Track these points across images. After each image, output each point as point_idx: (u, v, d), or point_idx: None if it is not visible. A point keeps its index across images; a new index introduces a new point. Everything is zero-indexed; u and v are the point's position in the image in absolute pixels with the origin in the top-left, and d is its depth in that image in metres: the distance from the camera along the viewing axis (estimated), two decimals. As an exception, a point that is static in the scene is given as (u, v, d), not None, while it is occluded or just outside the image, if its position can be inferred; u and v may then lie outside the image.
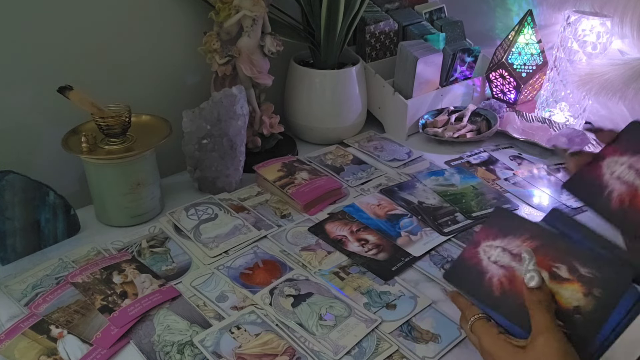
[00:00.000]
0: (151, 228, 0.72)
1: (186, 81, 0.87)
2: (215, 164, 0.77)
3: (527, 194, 0.81)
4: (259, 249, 0.68)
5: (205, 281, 0.63)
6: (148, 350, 0.53)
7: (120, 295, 0.59)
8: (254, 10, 0.76)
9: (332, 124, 0.93)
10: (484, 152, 0.93)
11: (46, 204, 0.66)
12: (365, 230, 0.72)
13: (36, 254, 0.67)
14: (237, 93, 0.75)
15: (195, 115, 0.74)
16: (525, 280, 0.45)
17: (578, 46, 0.96)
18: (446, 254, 0.68)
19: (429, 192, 0.80)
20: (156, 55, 0.81)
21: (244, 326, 0.56)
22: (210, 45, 0.79)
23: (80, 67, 0.74)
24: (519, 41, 1.03)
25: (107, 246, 0.68)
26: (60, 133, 0.69)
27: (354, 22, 0.89)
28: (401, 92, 0.95)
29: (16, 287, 0.61)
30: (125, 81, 0.79)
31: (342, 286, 0.62)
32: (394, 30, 1.03)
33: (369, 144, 0.95)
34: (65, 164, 0.75)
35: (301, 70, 0.91)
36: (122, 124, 0.68)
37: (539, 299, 0.44)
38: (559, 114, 1.03)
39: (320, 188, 0.78)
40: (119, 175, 0.69)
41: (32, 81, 0.71)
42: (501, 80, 1.07)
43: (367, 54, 1.01)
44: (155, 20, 0.79)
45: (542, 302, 0.44)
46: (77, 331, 0.55)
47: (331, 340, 0.54)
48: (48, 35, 0.70)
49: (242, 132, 0.77)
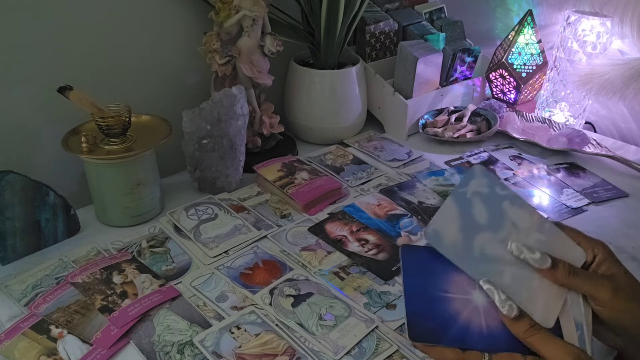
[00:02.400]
0: (151, 228, 0.72)
1: (186, 81, 0.87)
2: (215, 164, 0.77)
3: (527, 194, 0.81)
4: (259, 249, 0.68)
5: (205, 281, 0.63)
6: (148, 350, 0.53)
7: (120, 295, 0.59)
8: (254, 10, 0.76)
9: (332, 124, 0.93)
10: (484, 152, 0.93)
11: (46, 204, 0.66)
12: (365, 230, 0.72)
13: (36, 254, 0.67)
14: (237, 93, 0.75)
15: (195, 115, 0.74)
16: (505, 312, 0.44)
17: (578, 46, 0.96)
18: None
19: (429, 192, 0.80)
20: (156, 55, 0.81)
21: (244, 326, 0.56)
22: (210, 45, 0.79)
23: (80, 67, 0.74)
24: (519, 41, 1.03)
25: (107, 246, 0.68)
26: (60, 133, 0.69)
27: (354, 22, 0.89)
28: (401, 92, 0.95)
29: (16, 287, 0.61)
30: (125, 81, 0.79)
31: (342, 286, 0.62)
32: (394, 30, 1.03)
33: (369, 144, 0.95)
34: (65, 164, 0.75)
35: (301, 70, 0.91)
36: (122, 124, 0.68)
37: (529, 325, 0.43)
38: (559, 114, 1.03)
39: (320, 188, 0.78)
40: (119, 175, 0.69)
41: (32, 81, 0.71)
42: (501, 80, 1.07)
43: (367, 54, 1.01)
44: (155, 20, 0.79)
45: (535, 326, 0.43)
46: (77, 331, 0.55)
47: (331, 340, 0.54)
48: (48, 35, 0.70)
49: (242, 132, 0.77)
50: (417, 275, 0.48)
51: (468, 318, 0.45)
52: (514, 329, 0.44)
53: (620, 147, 0.96)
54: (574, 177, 0.86)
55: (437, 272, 0.48)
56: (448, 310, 0.46)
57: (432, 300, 0.46)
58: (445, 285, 0.47)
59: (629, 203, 0.80)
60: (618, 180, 0.85)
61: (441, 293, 0.46)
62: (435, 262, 0.47)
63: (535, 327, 0.43)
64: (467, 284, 0.47)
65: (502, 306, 0.44)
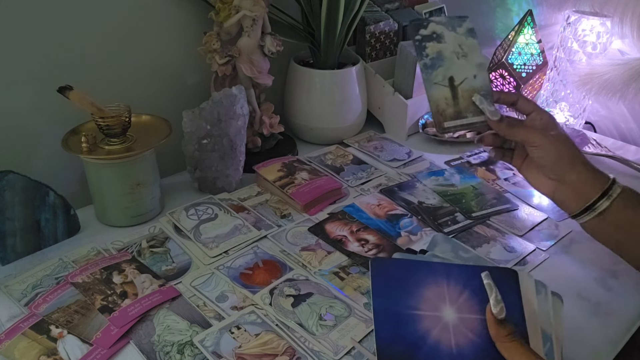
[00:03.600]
0: (151, 228, 0.72)
1: (186, 81, 0.87)
2: (215, 164, 0.77)
3: (527, 194, 0.81)
4: (259, 249, 0.68)
5: (205, 281, 0.63)
6: (148, 350, 0.53)
7: (120, 295, 0.59)
8: (254, 10, 0.76)
9: (332, 124, 0.93)
10: (484, 152, 0.93)
11: (46, 204, 0.66)
12: (365, 230, 0.72)
13: (36, 254, 0.67)
14: (237, 93, 0.75)
15: (195, 115, 0.74)
16: (496, 312, 0.44)
17: (578, 46, 0.96)
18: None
19: (429, 192, 0.80)
20: (156, 55, 0.81)
21: (244, 326, 0.56)
22: (210, 45, 0.79)
23: (80, 67, 0.74)
24: (519, 41, 1.03)
25: (107, 246, 0.68)
26: (60, 133, 0.69)
27: (354, 22, 0.89)
28: (401, 92, 0.95)
29: (16, 287, 0.61)
30: (125, 81, 0.79)
31: (342, 286, 0.62)
32: (394, 30, 1.03)
33: (369, 144, 0.95)
34: (65, 164, 0.75)
35: (301, 70, 0.91)
36: (122, 124, 0.68)
37: (510, 331, 0.43)
38: (559, 114, 1.03)
39: (320, 188, 0.78)
40: (119, 175, 0.69)
41: (32, 81, 0.71)
42: (501, 80, 1.07)
43: (367, 54, 1.01)
44: (155, 20, 0.79)
45: (515, 334, 0.43)
46: (77, 331, 0.55)
47: (331, 340, 0.54)
48: (48, 35, 0.70)
49: (242, 132, 0.77)
50: (386, 293, 0.47)
51: (438, 337, 0.45)
52: (496, 331, 0.44)
53: (620, 147, 0.96)
54: (574, 177, 0.86)
55: (408, 288, 0.47)
56: (418, 329, 0.45)
57: (402, 321, 0.45)
58: (415, 302, 0.46)
59: (629, 203, 0.79)
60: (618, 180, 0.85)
61: (411, 311, 0.46)
62: (406, 276, 0.47)
63: (515, 335, 0.43)
64: (438, 300, 0.46)
65: (495, 306, 0.44)
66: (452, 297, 0.46)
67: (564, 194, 0.60)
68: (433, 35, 0.62)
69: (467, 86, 0.62)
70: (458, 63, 0.62)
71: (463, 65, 0.62)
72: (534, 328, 0.45)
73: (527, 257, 0.68)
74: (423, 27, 0.62)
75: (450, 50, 0.62)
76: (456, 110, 0.61)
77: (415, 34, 0.62)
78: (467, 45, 0.63)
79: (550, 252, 0.69)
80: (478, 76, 0.62)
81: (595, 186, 0.58)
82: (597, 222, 0.58)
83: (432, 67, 0.62)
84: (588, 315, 0.59)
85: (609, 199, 0.56)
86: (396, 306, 0.46)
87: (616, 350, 0.56)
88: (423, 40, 0.62)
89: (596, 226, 0.59)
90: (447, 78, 0.62)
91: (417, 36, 0.62)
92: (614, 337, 0.57)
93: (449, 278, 0.47)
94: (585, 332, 0.57)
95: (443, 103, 0.61)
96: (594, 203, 0.57)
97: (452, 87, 0.61)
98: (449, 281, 0.47)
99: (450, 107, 0.61)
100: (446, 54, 0.62)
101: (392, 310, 0.46)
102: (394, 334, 0.45)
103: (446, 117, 0.61)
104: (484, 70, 0.62)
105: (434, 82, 0.61)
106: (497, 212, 0.76)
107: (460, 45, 0.63)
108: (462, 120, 0.61)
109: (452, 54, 0.62)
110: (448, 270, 0.48)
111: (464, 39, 0.63)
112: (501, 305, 0.44)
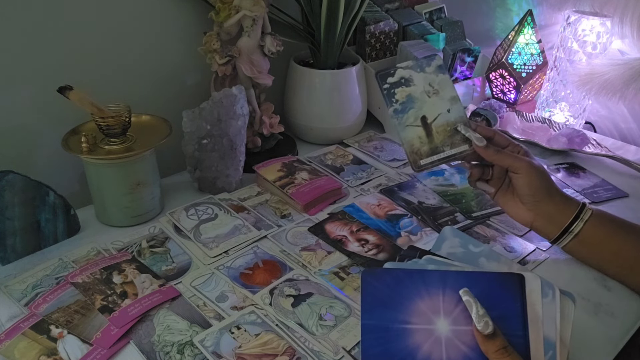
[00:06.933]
0: (151, 228, 0.72)
1: (186, 81, 0.87)
2: (215, 164, 0.77)
3: (527, 194, 0.81)
4: (259, 249, 0.68)
5: (205, 281, 0.63)
6: (148, 350, 0.53)
7: (120, 295, 0.59)
8: (254, 10, 0.76)
9: (332, 124, 0.94)
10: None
11: (46, 204, 0.66)
12: (365, 230, 0.72)
13: (36, 254, 0.67)
14: (237, 93, 0.75)
15: (195, 115, 0.74)
16: (480, 328, 0.42)
17: (578, 46, 0.96)
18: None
19: (429, 192, 0.80)
20: (156, 55, 0.81)
21: (244, 326, 0.56)
22: (210, 45, 0.79)
23: (80, 67, 0.74)
24: (519, 41, 1.03)
25: (107, 246, 0.68)
26: (60, 133, 0.69)
27: (354, 22, 0.89)
28: (401, 92, 0.95)
29: (16, 287, 0.61)
30: (125, 81, 0.79)
31: (342, 286, 0.62)
32: (394, 30, 1.03)
33: (369, 144, 0.95)
34: (65, 164, 0.75)
35: (301, 70, 0.91)
36: (122, 124, 0.68)
37: (501, 346, 0.42)
38: (559, 114, 1.03)
39: (320, 188, 0.78)
40: (119, 175, 0.69)
41: (32, 81, 0.71)
42: (501, 80, 1.07)
43: (367, 54, 1.01)
44: (155, 20, 0.79)
45: (507, 348, 0.42)
46: (77, 331, 0.55)
47: (331, 340, 0.54)
48: (48, 35, 0.70)
49: (242, 132, 0.77)
50: (377, 307, 0.45)
51: (428, 351, 0.44)
52: (485, 347, 0.43)
53: (620, 147, 0.96)
54: (574, 177, 0.86)
55: (400, 300, 0.45)
56: (408, 344, 0.44)
57: (391, 337, 0.44)
58: (406, 316, 0.45)
59: (628, 203, 0.80)
60: (618, 180, 0.85)
61: (401, 325, 0.44)
62: (398, 288, 0.45)
63: (507, 350, 0.42)
64: (431, 311, 0.45)
65: (478, 322, 0.42)
66: (447, 308, 0.45)
67: (541, 222, 0.63)
68: (401, 81, 0.63)
69: (442, 121, 0.63)
70: (430, 101, 0.63)
71: (435, 103, 0.63)
72: (536, 335, 0.44)
73: (527, 257, 0.68)
74: (390, 76, 0.63)
75: (420, 90, 0.63)
76: (431, 147, 0.62)
77: (383, 84, 0.63)
78: (437, 82, 0.63)
79: (550, 252, 0.69)
80: (452, 109, 0.63)
81: (568, 212, 0.62)
82: (575, 244, 0.62)
83: (403, 112, 0.62)
84: (588, 315, 0.59)
85: (582, 221, 0.61)
86: (385, 321, 0.45)
87: (616, 350, 0.56)
88: (391, 88, 0.63)
89: (575, 248, 0.63)
90: (419, 118, 0.63)
91: (384, 85, 0.63)
92: (614, 337, 0.57)
93: (444, 287, 0.45)
94: (585, 332, 0.57)
95: (417, 142, 0.62)
96: (569, 226, 0.61)
97: (425, 125, 0.62)
98: (445, 290, 0.45)
99: (425, 144, 0.62)
100: (416, 95, 0.63)
101: (381, 326, 0.45)
102: (381, 351, 0.44)
103: (422, 155, 0.62)
104: (457, 102, 0.63)
105: (406, 125, 0.62)
106: (497, 212, 0.76)
107: (431, 84, 0.63)
108: (439, 155, 0.62)
109: (422, 94, 0.63)
110: (444, 279, 0.46)
111: (434, 77, 0.63)
112: (485, 320, 0.42)
